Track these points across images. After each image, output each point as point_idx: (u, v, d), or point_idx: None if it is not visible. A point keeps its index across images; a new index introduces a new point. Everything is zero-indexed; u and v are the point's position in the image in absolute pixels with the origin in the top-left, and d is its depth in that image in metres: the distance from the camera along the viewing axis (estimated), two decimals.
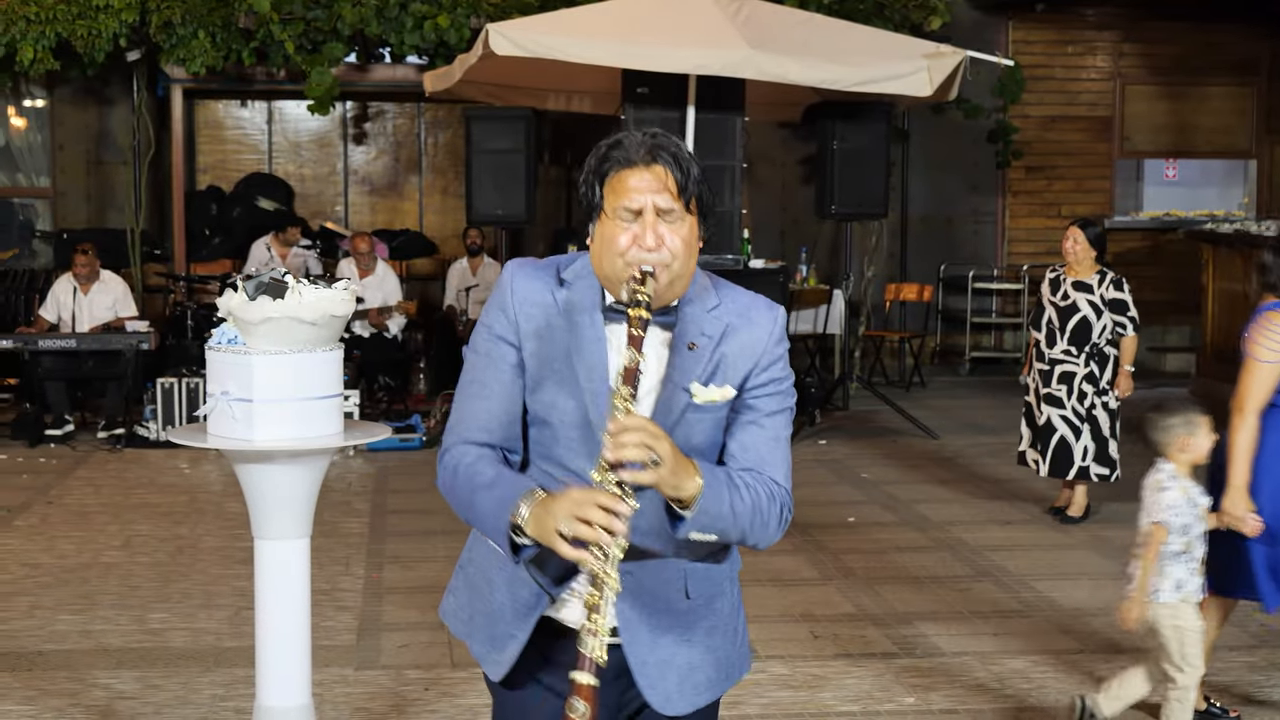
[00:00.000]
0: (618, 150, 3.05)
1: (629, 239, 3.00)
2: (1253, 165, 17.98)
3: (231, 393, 4.98)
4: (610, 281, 3.06)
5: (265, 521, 5.08)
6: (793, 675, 6.63)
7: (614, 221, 3.02)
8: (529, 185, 12.77)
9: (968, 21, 16.60)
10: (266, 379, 4.93)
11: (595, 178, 3.07)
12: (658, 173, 3.02)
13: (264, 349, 4.94)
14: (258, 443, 4.93)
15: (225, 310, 5.06)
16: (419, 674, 6.62)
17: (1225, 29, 17.45)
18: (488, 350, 3.12)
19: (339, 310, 5.10)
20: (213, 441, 5.04)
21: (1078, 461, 9.36)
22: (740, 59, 11.39)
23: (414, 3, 14.30)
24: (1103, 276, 9.40)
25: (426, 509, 10.01)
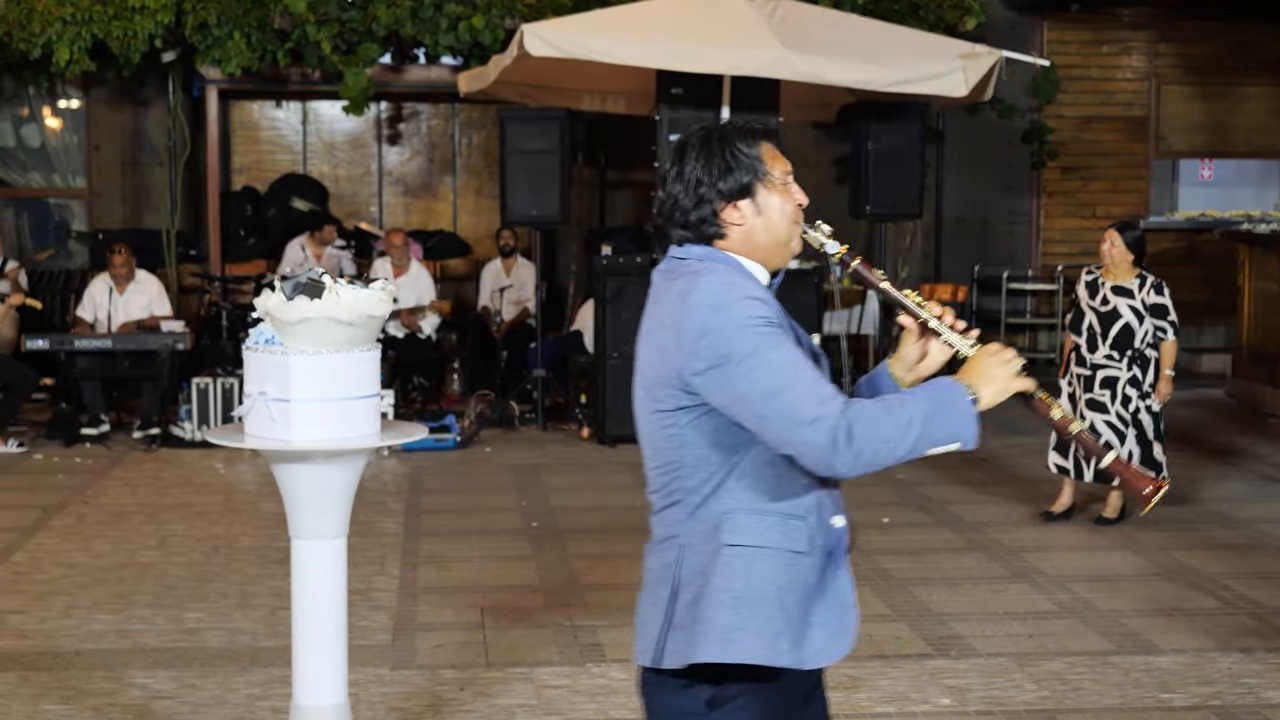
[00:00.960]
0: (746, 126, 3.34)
1: (795, 198, 3.32)
2: None
3: (269, 393, 4.99)
4: (779, 245, 3.34)
5: (302, 521, 5.10)
6: (829, 676, 6.59)
7: (782, 187, 3.32)
8: (564, 186, 12.78)
9: (1002, 21, 16.55)
10: (304, 379, 4.94)
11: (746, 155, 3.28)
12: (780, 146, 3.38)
13: (301, 349, 4.95)
14: (295, 443, 4.94)
15: (263, 310, 5.07)
16: (454, 674, 6.63)
17: (1261, 28, 17.36)
18: (771, 336, 3.17)
19: (376, 310, 5.12)
20: (250, 442, 5.05)
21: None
22: (775, 59, 11.38)
23: (449, 3, 14.32)
24: (1143, 281, 9.35)
25: (461, 509, 10.03)
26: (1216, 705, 6.25)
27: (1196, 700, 6.31)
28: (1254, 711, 6.18)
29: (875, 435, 3.11)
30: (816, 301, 12.64)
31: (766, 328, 3.16)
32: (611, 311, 12.33)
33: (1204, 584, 8.08)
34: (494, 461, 11.64)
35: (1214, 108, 17.65)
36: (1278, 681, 6.55)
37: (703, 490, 3.28)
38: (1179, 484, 10.49)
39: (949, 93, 11.73)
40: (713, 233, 3.29)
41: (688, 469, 3.28)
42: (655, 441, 3.33)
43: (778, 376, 3.12)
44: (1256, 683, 6.53)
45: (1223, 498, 10.26)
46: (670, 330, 3.23)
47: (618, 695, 6.37)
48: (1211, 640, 7.08)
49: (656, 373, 3.27)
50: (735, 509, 3.25)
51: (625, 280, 12.35)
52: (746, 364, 3.13)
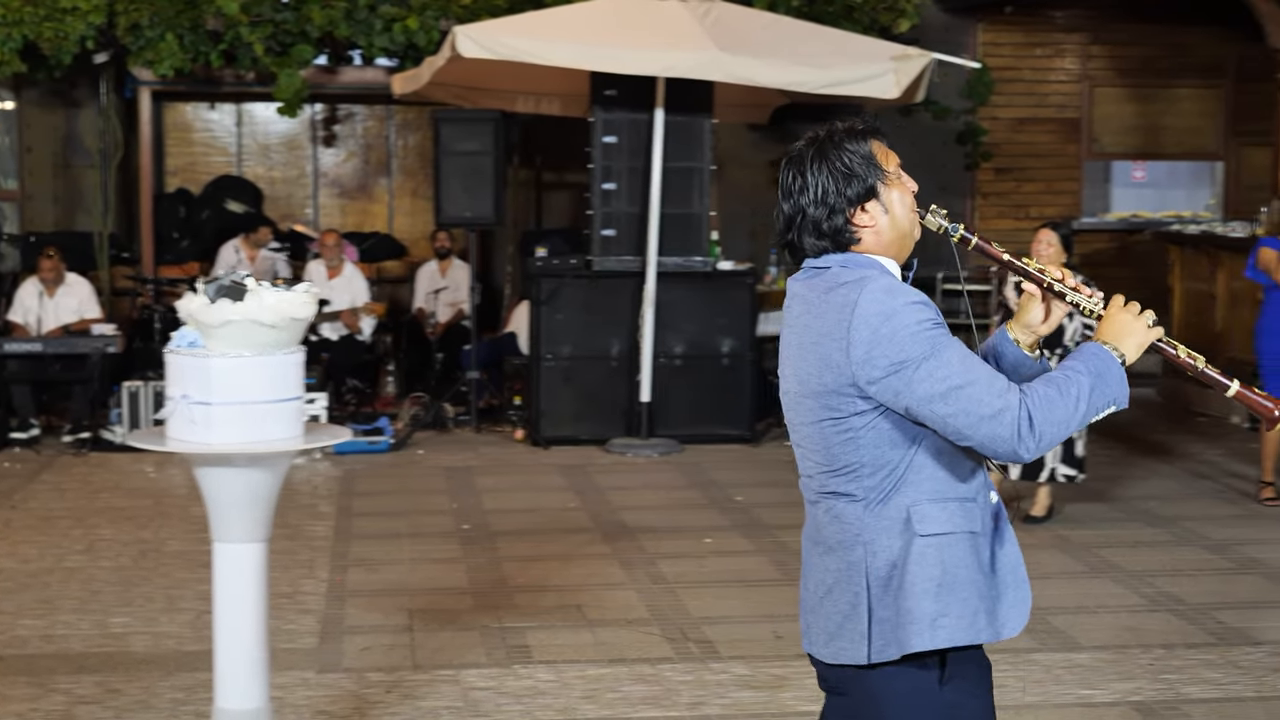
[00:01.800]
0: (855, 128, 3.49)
1: (909, 190, 3.47)
2: (1220, 167, 18.04)
3: (191, 396, 4.99)
4: (906, 238, 3.48)
5: (224, 525, 5.09)
6: (754, 676, 6.65)
7: (899, 181, 3.47)
8: (498, 187, 12.77)
9: (936, 24, 16.63)
10: (225, 382, 4.94)
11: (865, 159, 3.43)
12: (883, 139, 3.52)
13: (223, 352, 4.95)
14: (215, 446, 4.94)
15: (185, 313, 5.08)
16: (380, 676, 6.62)
17: (1192, 31, 17.51)
18: (941, 336, 3.30)
19: (300, 313, 5.12)
20: (171, 445, 5.04)
21: (1049, 463, 9.37)
22: (708, 61, 11.42)
23: (383, 5, 14.29)
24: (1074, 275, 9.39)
25: (392, 512, 10.02)
26: (1137, 701, 6.32)
27: (1117, 696, 6.38)
28: (1173, 707, 6.25)
29: (1051, 419, 3.27)
30: (751, 303, 12.67)
31: (935, 328, 3.31)
32: (546, 313, 12.34)
33: (1129, 581, 8.16)
34: (427, 464, 11.63)
35: (1146, 110, 17.79)
36: (1198, 677, 6.62)
37: (884, 487, 3.40)
38: (1107, 483, 10.59)
39: (881, 94, 11.79)
40: (848, 239, 3.44)
41: (867, 469, 3.40)
42: (830, 448, 3.43)
43: (956, 375, 3.27)
44: (1177, 679, 6.60)
45: (1151, 495, 10.36)
46: (838, 341, 3.35)
47: (544, 697, 6.38)
48: (1134, 637, 7.15)
49: (824, 382, 3.39)
50: (918, 500, 3.39)
51: (560, 281, 12.36)
52: (925, 367, 3.27)
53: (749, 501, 10.26)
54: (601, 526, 9.55)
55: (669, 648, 7.05)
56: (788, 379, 3.53)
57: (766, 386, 13.36)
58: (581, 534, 9.36)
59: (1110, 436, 12.48)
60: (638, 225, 12.28)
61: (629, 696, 6.39)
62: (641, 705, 6.30)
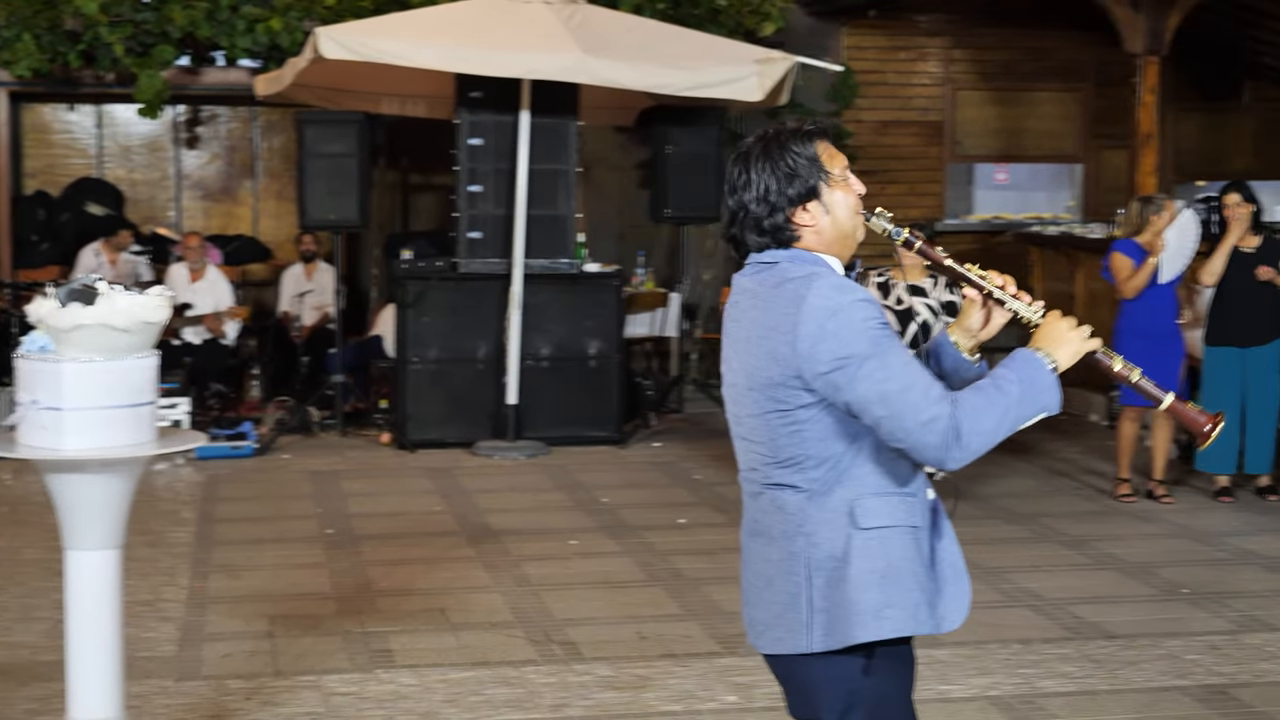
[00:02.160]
0: (802, 129, 3.53)
1: (856, 191, 3.53)
2: (1079, 169, 18.33)
3: (41, 401, 4.92)
4: (848, 239, 3.55)
5: (76, 532, 5.03)
6: (617, 677, 6.66)
7: (843, 183, 3.52)
8: (363, 189, 12.67)
9: (801, 27, 16.74)
10: (76, 387, 4.88)
11: (809, 160, 3.49)
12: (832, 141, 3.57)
13: (74, 356, 4.88)
14: (66, 452, 4.88)
15: (36, 318, 5.00)
16: (241, 684, 6.56)
17: (1052, 36, 17.78)
18: (887, 334, 3.40)
19: (152, 317, 5.07)
20: (21, 451, 4.98)
21: None
22: (573, 63, 11.43)
23: (246, 5, 14.16)
24: (935, 280, 9.51)
25: (255, 517, 9.93)
26: (994, 696, 6.42)
27: (975, 691, 6.46)
28: (1029, 701, 6.35)
29: (979, 429, 3.36)
30: (617, 305, 12.70)
31: (880, 328, 3.39)
32: (412, 315, 12.28)
33: (986, 577, 8.26)
34: (292, 468, 11.53)
35: (1008, 113, 18.04)
36: (1053, 671, 6.73)
37: (828, 480, 3.48)
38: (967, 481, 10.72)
39: (745, 97, 11.87)
40: (789, 236, 3.52)
41: (812, 461, 3.48)
42: (776, 440, 3.50)
43: (895, 378, 3.35)
44: (1033, 673, 6.70)
45: (1009, 493, 10.52)
46: (785, 334, 3.42)
47: (406, 701, 6.35)
48: (992, 633, 7.26)
49: (770, 375, 3.46)
50: (861, 494, 3.47)
51: (426, 284, 12.31)
52: (867, 366, 3.35)
53: (615, 503, 10.28)
54: (467, 529, 9.53)
55: (532, 650, 7.05)
56: (734, 372, 3.60)
57: (633, 388, 13.41)
58: (447, 537, 9.33)
59: None
60: (504, 227, 12.26)
61: (492, 699, 6.38)
62: (504, 708, 6.29)
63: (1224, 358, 10.20)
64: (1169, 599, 7.96)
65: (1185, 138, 18.39)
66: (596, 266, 12.89)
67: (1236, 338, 10.16)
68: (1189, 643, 7.17)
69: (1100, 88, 17.94)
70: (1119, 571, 8.53)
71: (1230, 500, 10.22)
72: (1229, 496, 10.27)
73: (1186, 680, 6.63)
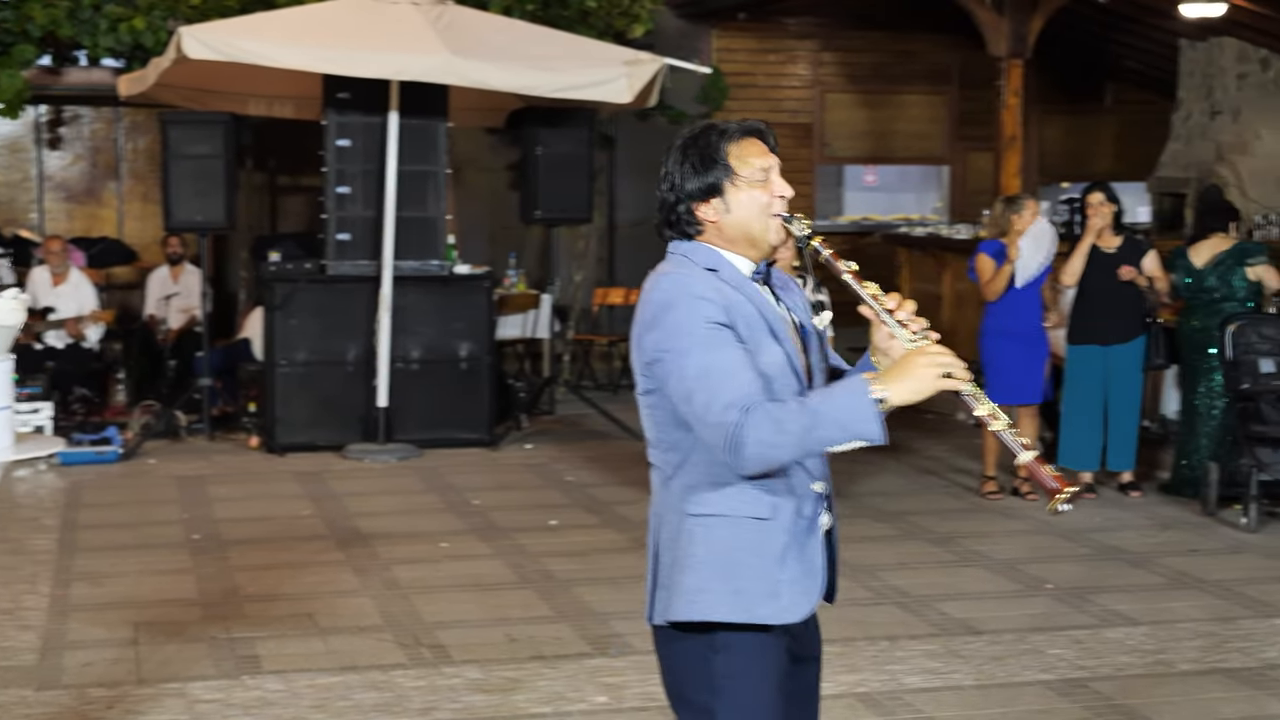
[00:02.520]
0: (725, 129, 3.58)
1: (770, 194, 3.55)
2: (946, 171, 18.58)
3: None
4: (755, 240, 3.58)
5: None
6: (487, 679, 6.64)
7: (753, 184, 3.55)
8: (229, 191, 12.51)
9: (672, 30, 16.81)
10: None
11: (713, 158, 3.54)
12: (767, 141, 3.61)
13: None
14: None
15: None
16: (103, 692, 6.45)
17: (919, 39, 18.01)
18: (713, 335, 3.43)
19: (6, 320, 4.98)
20: None
21: None
22: (441, 64, 11.37)
23: (109, 4, 13.94)
24: (804, 280, 9.54)
25: (120, 523, 9.78)
26: (862, 693, 6.46)
27: (844, 689, 6.51)
28: (896, 697, 6.41)
29: (763, 441, 3.36)
30: (488, 306, 12.65)
31: (706, 327, 3.44)
32: (280, 318, 12.17)
33: (856, 575, 8.32)
34: (158, 473, 11.37)
35: (876, 115, 18.23)
36: (920, 667, 6.80)
37: (672, 464, 3.60)
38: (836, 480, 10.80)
39: (614, 99, 11.89)
40: (692, 230, 3.61)
41: (662, 445, 3.62)
42: (643, 420, 3.67)
43: (696, 379, 3.41)
44: (900, 669, 6.76)
45: (878, 491, 10.61)
46: (635, 323, 3.58)
47: (274, 707, 6.29)
48: (860, 630, 7.31)
49: (634, 359, 3.62)
50: (698, 482, 3.55)
51: (294, 286, 12.20)
52: (677, 363, 3.44)
53: (486, 505, 10.24)
54: (336, 533, 9.45)
55: (401, 653, 7.01)
56: None
57: (505, 390, 13.37)
58: (316, 541, 9.25)
59: None
60: (373, 229, 12.18)
61: (360, 704, 6.33)
62: (373, 712, 6.24)
63: (1086, 356, 10.36)
64: (1033, 595, 8.07)
65: (1049, 139, 18.70)
66: (467, 268, 12.84)
67: (1099, 336, 10.32)
68: (1052, 637, 7.27)
69: (966, 90, 18.19)
70: (985, 568, 8.63)
71: (1094, 497, 10.38)
72: (1092, 493, 10.42)
73: (1050, 674, 6.73)
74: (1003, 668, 6.82)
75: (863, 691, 6.48)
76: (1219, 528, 9.60)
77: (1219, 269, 10.28)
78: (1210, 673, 6.77)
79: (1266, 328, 9.97)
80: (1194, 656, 6.99)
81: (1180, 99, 17.03)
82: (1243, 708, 6.31)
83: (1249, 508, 9.53)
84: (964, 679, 6.68)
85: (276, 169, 16.28)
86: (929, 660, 6.91)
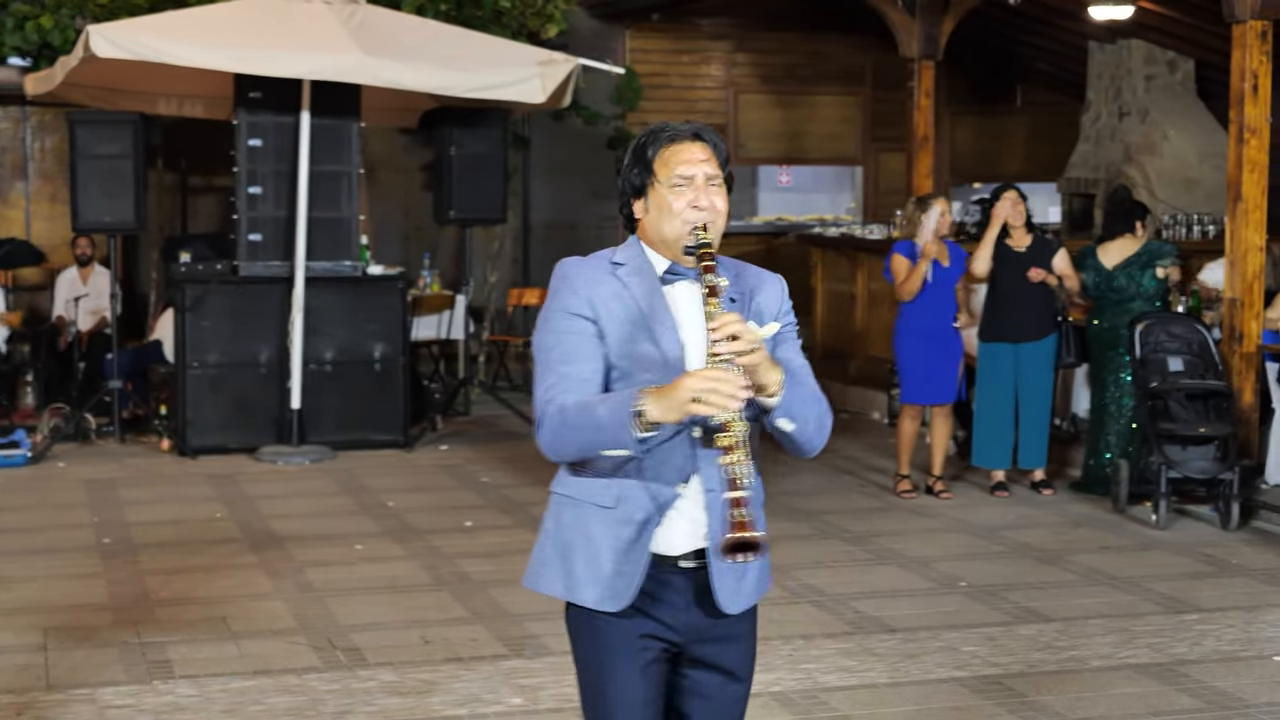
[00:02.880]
0: (663, 132, 3.66)
1: (685, 201, 3.59)
2: (859, 171, 18.66)
3: None
4: (668, 243, 3.63)
5: None
6: (402, 682, 6.60)
7: (669, 189, 3.61)
8: (139, 191, 12.37)
9: (585, 30, 16.80)
10: None
11: (641, 159, 3.65)
12: (704, 147, 3.65)
13: None
14: None
15: None
16: (11, 699, 6.36)
17: (831, 40, 18.08)
18: (566, 326, 3.57)
19: None
20: None
21: None
22: (353, 64, 11.32)
23: (15, 2, 13.77)
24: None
25: (28, 527, 9.66)
26: (777, 692, 6.48)
27: (759, 688, 6.47)
28: (812, 696, 6.43)
29: (554, 431, 3.52)
30: (401, 308, 12.59)
31: (561, 315, 3.58)
32: (191, 320, 12.06)
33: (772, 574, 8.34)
34: (67, 477, 11.23)
35: (790, 116, 18.29)
36: (835, 666, 6.83)
37: None
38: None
39: (527, 99, 11.87)
40: (630, 224, 3.74)
41: None
42: None
43: (539, 362, 3.60)
44: (815, 668, 6.79)
45: (794, 491, 10.64)
46: None
47: (185, 713, 6.22)
48: (776, 629, 7.33)
49: None
50: (566, 467, 3.70)
51: (205, 288, 12.09)
52: (534, 346, 3.65)
53: (401, 507, 10.19)
54: (250, 536, 9.37)
55: (315, 657, 6.96)
56: None
57: (420, 391, 13.32)
58: (228, 544, 9.17)
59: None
60: (285, 230, 12.10)
61: (273, 708, 6.28)
62: (286, 717, 6.19)
63: (998, 354, 10.44)
64: (947, 592, 8.12)
65: (961, 140, 18.83)
66: (380, 269, 12.78)
67: (1010, 335, 10.40)
68: (966, 635, 7.32)
69: (878, 91, 18.29)
70: (899, 566, 8.68)
71: (1006, 495, 10.47)
72: (1005, 491, 10.51)
73: (964, 671, 6.77)
74: (917, 665, 6.87)
75: (778, 690, 6.50)
76: (1129, 525, 9.71)
77: (1128, 269, 10.40)
78: (1121, 668, 6.84)
79: (1175, 326, 10.10)
80: (1105, 652, 7.06)
81: (1089, 100, 17.21)
82: (1153, 703, 6.38)
83: (1158, 505, 9.64)
84: (879, 677, 6.71)
85: (187, 169, 16.12)
86: (844, 659, 6.94)
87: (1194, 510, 9.99)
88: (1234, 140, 10.14)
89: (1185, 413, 9.84)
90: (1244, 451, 9.90)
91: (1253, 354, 10.15)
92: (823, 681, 6.62)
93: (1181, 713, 6.27)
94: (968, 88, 18.60)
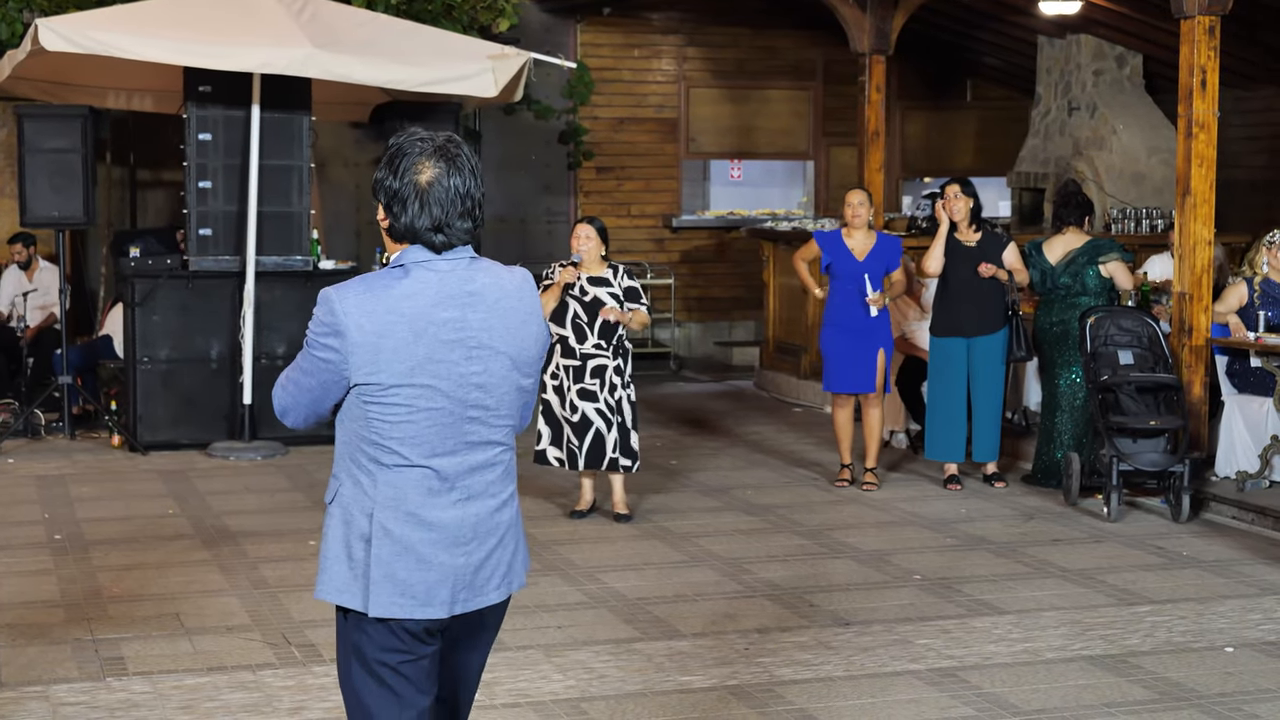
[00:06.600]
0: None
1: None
2: (810, 166, 18.71)
3: None
4: None
5: None
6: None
7: None
8: (87, 186, 12.28)
9: (537, 24, 16.79)
10: None
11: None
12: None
13: None
14: None
15: None
16: None
17: (782, 35, 18.12)
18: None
19: None
20: None
21: (609, 453, 9.45)
22: (304, 58, 11.26)
23: None
24: (615, 270, 9.51)
25: None
26: (733, 685, 6.49)
27: (715, 681, 6.53)
28: (768, 689, 6.44)
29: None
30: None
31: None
32: (141, 314, 11.99)
33: (726, 569, 8.38)
34: (16, 473, 11.15)
35: (741, 110, 18.31)
36: (791, 659, 6.84)
37: None
38: (707, 474, 10.85)
39: (479, 93, 11.84)
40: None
41: None
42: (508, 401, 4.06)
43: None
44: (771, 661, 6.80)
45: (748, 485, 10.67)
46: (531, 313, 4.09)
47: (139, 709, 6.19)
48: (731, 623, 7.35)
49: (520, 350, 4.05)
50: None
51: (155, 283, 12.02)
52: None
53: None
54: (202, 532, 9.32)
55: (270, 653, 6.93)
56: None
57: None
58: (181, 540, 9.12)
59: (709, 429, 12.83)
60: (235, 224, 12.05)
61: (228, 704, 6.25)
62: (241, 713, 6.17)
63: (950, 348, 10.47)
64: (901, 585, 8.15)
65: (912, 135, 18.91)
66: (332, 264, 12.73)
67: (962, 328, 10.44)
68: (920, 627, 7.35)
69: (829, 86, 18.35)
70: (853, 559, 8.71)
71: (959, 488, 10.52)
72: (958, 484, 10.56)
73: (919, 664, 6.80)
74: (872, 658, 6.89)
75: (734, 684, 6.50)
76: (1081, 517, 9.77)
77: (1071, 266, 10.46)
78: (1074, 660, 6.88)
79: (1125, 320, 10.16)
80: (1059, 644, 7.10)
81: (1039, 95, 17.30)
82: (1107, 694, 6.42)
83: (1110, 497, 9.70)
84: (834, 670, 6.73)
85: (136, 163, 16.02)
86: (799, 652, 6.96)
87: (1145, 503, 10.06)
88: (1182, 135, 10.21)
89: (1136, 406, 9.91)
90: (1194, 444, 9.98)
91: (1202, 347, 10.23)
92: (779, 675, 6.63)
93: (1134, 704, 6.31)
94: (918, 82, 18.68)
